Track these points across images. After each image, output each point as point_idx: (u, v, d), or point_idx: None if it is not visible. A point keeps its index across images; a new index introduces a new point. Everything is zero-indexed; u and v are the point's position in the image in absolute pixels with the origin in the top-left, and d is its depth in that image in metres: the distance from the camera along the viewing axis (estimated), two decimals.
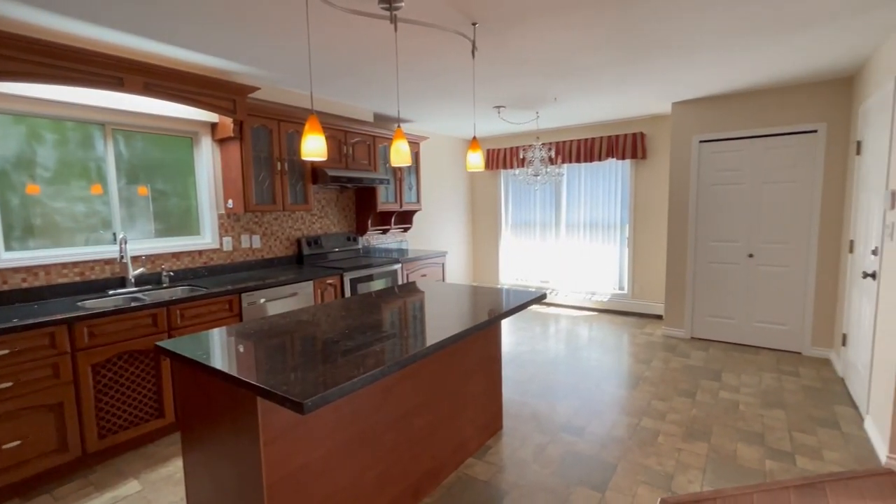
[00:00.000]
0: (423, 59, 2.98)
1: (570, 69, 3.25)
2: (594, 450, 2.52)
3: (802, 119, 3.85)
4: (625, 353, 4.11)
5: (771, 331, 4.14)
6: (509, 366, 3.86)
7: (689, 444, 2.57)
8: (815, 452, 2.47)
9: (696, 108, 4.31)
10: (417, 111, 4.57)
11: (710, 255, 4.36)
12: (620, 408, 3.03)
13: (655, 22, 2.44)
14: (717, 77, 3.54)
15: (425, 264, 4.61)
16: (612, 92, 3.95)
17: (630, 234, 5.42)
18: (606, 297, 5.67)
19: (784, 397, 3.15)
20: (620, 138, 5.23)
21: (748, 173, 4.12)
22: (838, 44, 2.84)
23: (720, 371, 3.64)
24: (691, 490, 2.16)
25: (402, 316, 2.16)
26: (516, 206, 6.36)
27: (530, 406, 3.08)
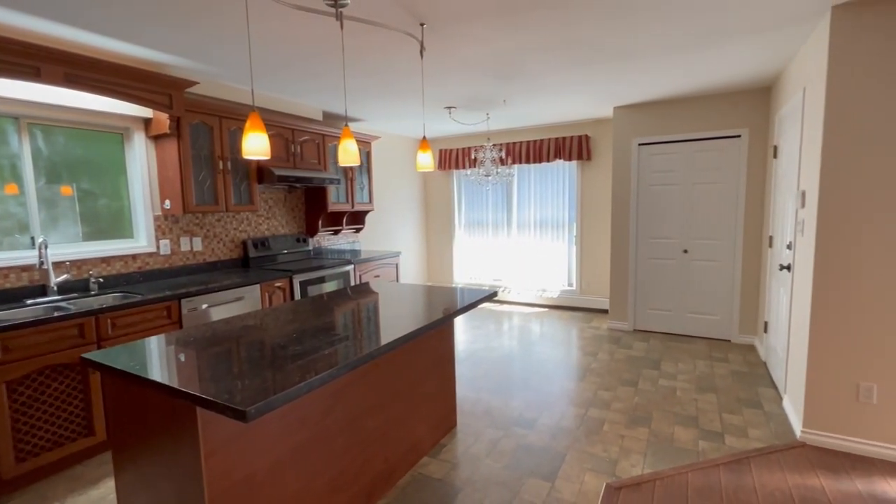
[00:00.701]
0: (372, 58, 2.95)
1: (517, 72, 3.33)
2: (544, 441, 2.61)
3: (728, 125, 4.17)
4: (573, 347, 4.28)
5: (704, 321, 4.46)
6: (464, 363, 3.91)
7: (631, 430, 2.72)
8: (742, 431, 2.69)
9: (636, 112, 4.55)
10: (368, 110, 4.52)
11: (650, 252, 4.62)
12: (569, 399, 3.15)
13: (595, 30, 2.55)
14: (653, 84, 3.76)
15: (379, 265, 4.57)
16: (558, 95, 4.09)
17: (577, 232, 5.64)
18: (556, 294, 5.87)
19: (715, 382, 3.40)
20: (567, 140, 5.43)
21: (681, 175, 4.41)
22: (757, 56, 3.10)
23: (660, 360, 3.87)
24: (633, 474, 2.29)
25: (352, 318, 2.13)
26: (469, 206, 6.45)
27: (484, 402, 3.14)
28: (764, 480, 2.21)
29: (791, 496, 2.09)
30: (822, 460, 2.37)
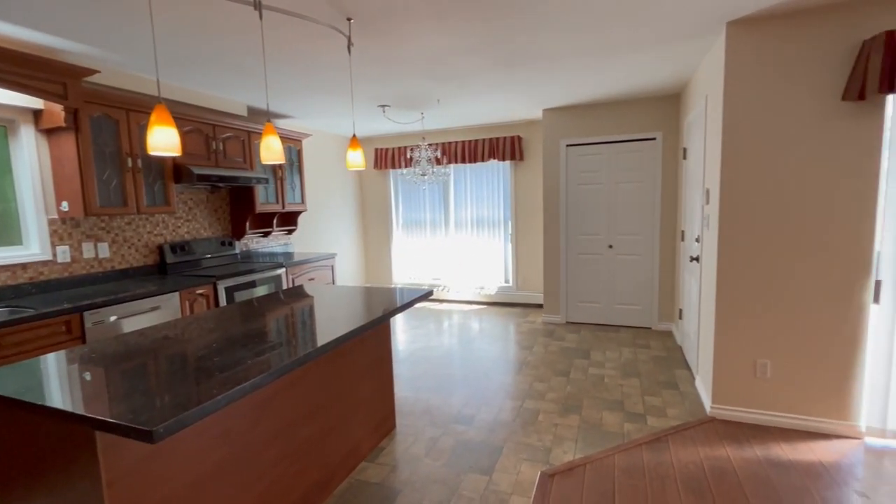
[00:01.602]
0: (299, 52, 2.84)
1: (449, 72, 3.36)
2: (483, 436, 2.65)
3: (645, 128, 4.49)
4: (510, 342, 4.40)
5: (628, 311, 4.77)
6: (404, 364, 3.88)
7: (564, 418, 2.84)
8: (661, 411, 2.90)
9: (563, 114, 4.77)
10: (298, 107, 4.34)
11: (579, 248, 4.87)
12: (507, 393, 3.23)
13: (519, 35, 2.63)
14: (578, 88, 3.96)
15: (313, 267, 4.41)
16: (490, 96, 4.18)
17: (512, 230, 5.81)
18: (494, 291, 6.00)
19: (638, 367, 3.65)
20: (500, 140, 5.57)
21: (605, 174, 4.69)
22: (667, 66, 3.36)
23: (589, 350, 4.09)
24: (566, 460, 2.39)
25: (282, 323, 2.03)
26: (406, 206, 6.41)
27: (423, 401, 3.13)
28: (680, 455, 2.40)
29: (703, 467, 2.29)
30: (728, 432, 2.62)
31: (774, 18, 2.47)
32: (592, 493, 2.11)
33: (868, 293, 2.44)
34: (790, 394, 2.64)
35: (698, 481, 2.18)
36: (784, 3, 2.31)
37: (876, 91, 2.21)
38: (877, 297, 2.43)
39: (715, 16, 2.46)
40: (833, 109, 2.42)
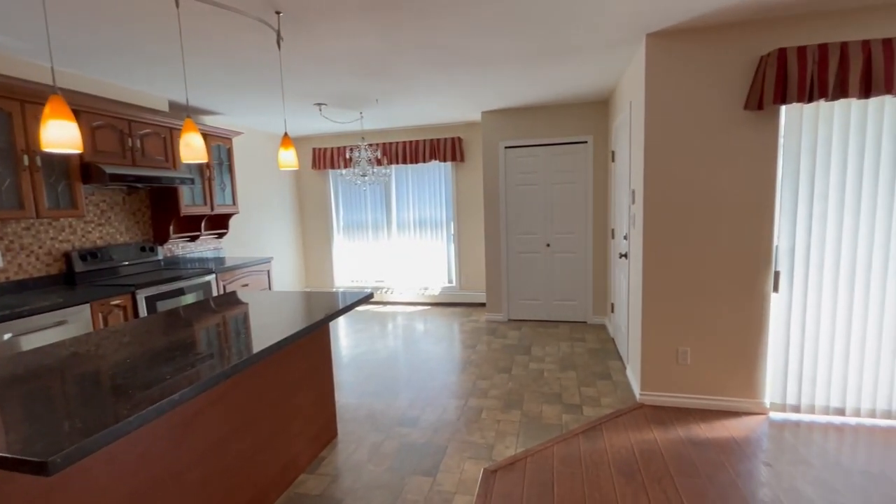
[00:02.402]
0: (226, 45, 2.67)
1: (386, 72, 3.32)
2: (427, 437, 2.64)
3: (577, 131, 4.71)
4: (455, 341, 4.43)
5: (566, 306, 4.98)
6: (346, 369, 3.78)
7: (506, 414, 2.90)
8: (596, 401, 3.05)
9: (501, 117, 4.89)
10: (226, 103, 4.10)
11: (519, 247, 5.01)
12: (451, 392, 3.25)
13: (454, 36, 2.66)
14: (514, 92, 4.07)
15: (247, 273, 4.18)
16: (429, 97, 4.19)
17: (455, 230, 5.86)
18: (438, 291, 6.03)
19: (575, 360, 3.82)
20: (441, 142, 5.60)
21: (542, 175, 4.86)
22: (595, 73, 3.54)
23: (530, 346, 4.22)
24: (508, 455, 2.45)
25: (209, 333, 1.90)
26: (347, 207, 6.27)
27: (367, 406, 3.07)
28: (613, 441, 2.54)
29: (633, 451, 2.44)
30: (655, 416, 2.81)
31: (687, 32, 2.68)
32: (533, 484, 2.17)
33: (769, 283, 2.72)
34: (707, 377, 2.87)
35: (629, 464, 2.31)
36: (693, 19, 2.52)
37: (771, 102, 2.47)
38: (776, 287, 2.71)
39: (635, 28, 2.63)
40: (737, 118, 2.67)
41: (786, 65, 2.43)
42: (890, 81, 2.30)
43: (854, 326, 2.62)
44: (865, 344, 2.62)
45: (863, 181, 2.53)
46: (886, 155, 2.49)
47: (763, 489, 2.09)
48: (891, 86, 2.31)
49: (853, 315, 2.62)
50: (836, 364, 2.67)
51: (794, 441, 2.48)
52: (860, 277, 2.59)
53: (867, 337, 2.61)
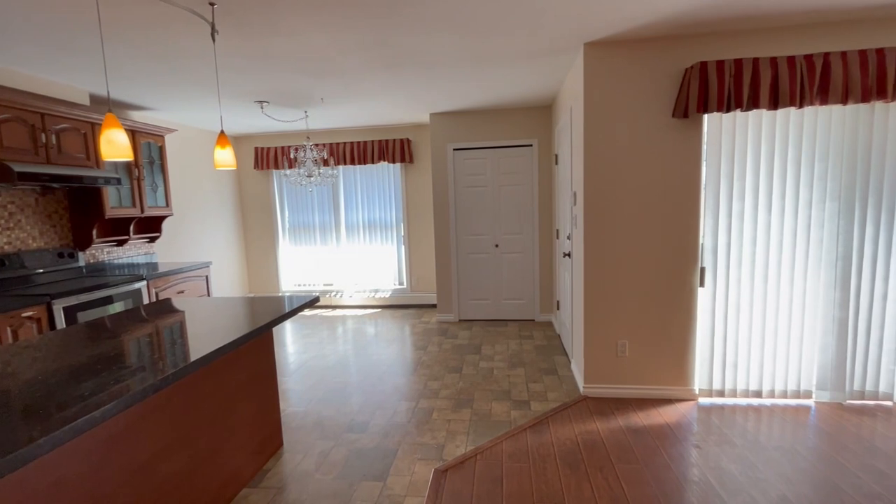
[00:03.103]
0: (155, 35, 2.50)
1: (331, 71, 3.25)
2: (377, 441, 2.61)
3: (523, 135, 4.85)
4: (406, 343, 4.41)
5: (514, 305, 5.10)
6: (293, 376, 3.65)
7: (457, 413, 2.93)
8: (543, 396, 3.15)
9: (449, 119, 4.93)
10: (158, 97, 3.84)
11: (469, 247, 5.08)
12: (401, 395, 3.23)
13: (400, 36, 2.65)
14: (461, 94, 4.12)
15: (183, 278, 3.93)
16: (377, 98, 4.15)
17: (405, 232, 5.84)
18: (388, 294, 5.97)
19: (523, 357, 3.92)
20: (390, 143, 5.56)
21: (490, 177, 4.96)
22: (539, 78, 3.67)
23: (480, 345, 4.28)
24: (458, 453, 2.47)
25: (136, 345, 1.77)
26: (293, 209, 6.06)
27: (315, 413, 2.98)
28: (559, 434, 2.63)
29: (577, 442, 2.54)
30: (597, 408, 2.95)
31: (621, 43, 2.84)
32: (483, 481, 2.21)
33: (696, 279, 2.94)
34: (643, 368, 3.05)
35: (574, 455, 2.41)
36: (625, 31, 2.67)
37: (695, 111, 2.67)
38: (702, 282, 2.93)
39: (574, 36, 2.75)
40: (667, 124, 2.87)
41: (707, 77, 2.64)
42: (794, 95, 2.56)
43: (768, 316, 2.89)
44: (777, 332, 2.89)
45: (773, 184, 2.80)
46: (792, 161, 2.77)
47: (693, 469, 2.25)
48: (794, 99, 2.57)
49: (767, 306, 2.88)
50: (753, 351, 2.92)
51: (720, 423, 2.69)
52: (773, 271, 2.85)
53: (779, 326, 2.89)
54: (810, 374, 2.90)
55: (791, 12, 2.47)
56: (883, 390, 2.86)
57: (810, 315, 2.86)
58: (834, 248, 2.78)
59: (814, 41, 2.67)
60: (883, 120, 2.67)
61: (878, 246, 2.76)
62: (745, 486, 2.10)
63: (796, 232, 2.81)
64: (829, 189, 2.76)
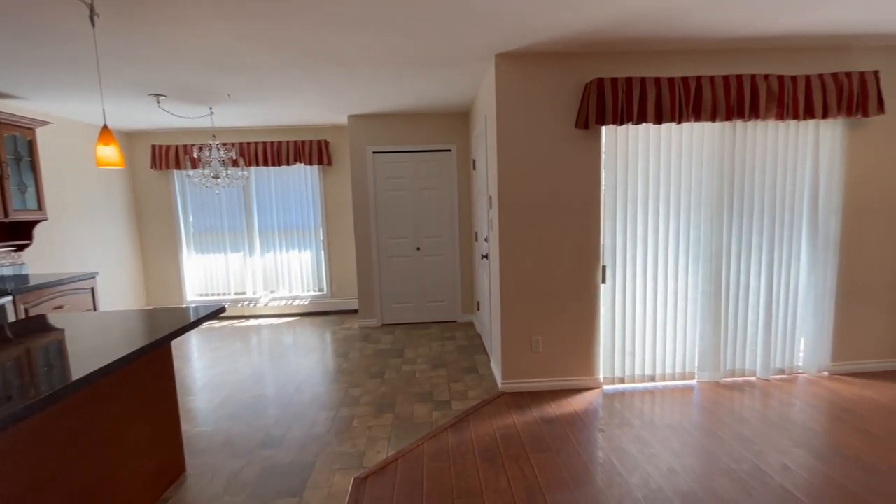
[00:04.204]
0: (24, 17, 2.18)
1: (237, 66, 3.06)
2: (293, 455, 2.50)
3: (442, 140, 4.94)
4: (326, 351, 4.27)
5: (437, 307, 5.17)
6: (199, 394, 3.37)
7: (378, 419, 2.89)
8: (464, 395, 3.23)
9: (368, 122, 4.88)
10: (29, 86, 3.33)
11: (390, 251, 5.05)
12: (320, 405, 3.12)
13: (305, 32, 2.58)
14: (379, 97, 4.10)
15: (62, 292, 3.45)
16: (290, 97, 3.98)
17: (324, 236, 5.66)
18: (307, 301, 5.74)
19: (445, 358, 3.98)
20: (307, 144, 5.36)
21: (410, 181, 4.98)
22: (455, 85, 3.76)
23: (403, 349, 4.27)
24: (379, 460, 2.44)
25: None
26: (198, 213, 5.59)
27: (224, 432, 2.77)
28: (478, 431, 2.71)
29: (495, 436, 2.63)
30: (514, 402, 3.08)
31: (530, 56, 3.02)
32: (404, 485, 2.20)
33: (599, 276, 3.20)
34: (555, 361, 3.25)
35: (492, 449, 2.49)
36: (533, 45, 2.84)
37: (594, 122, 2.92)
38: (604, 279, 3.20)
39: (486, 46, 2.86)
40: (571, 134, 3.09)
41: (603, 92, 2.90)
42: (674, 112, 2.90)
43: (658, 308, 3.23)
44: (666, 322, 3.24)
45: (660, 190, 3.14)
46: (674, 170, 3.13)
47: (598, 452, 2.44)
48: (674, 115, 2.91)
49: (658, 299, 3.22)
50: (647, 340, 3.25)
51: (621, 407, 2.95)
52: (661, 268, 3.20)
53: (667, 316, 3.24)
54: (693, 357, 3.29)
55: (671, 39, 2.80)
56: (749, 368, 3.33)
57: (691, 306, 3.25)
58: (708, 247, 3.19)
59: (690, 65, 3.05)
60: (742, 137, 3.12)
61: (741, 245, 3.21)
62: (641, 463, 2.33)
63: (679, 233, 3.18)
64: (703, 195, 3.16)
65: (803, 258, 3.26)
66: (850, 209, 3.25)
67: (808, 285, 3.27)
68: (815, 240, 3.22)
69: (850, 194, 3.24)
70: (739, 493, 2.06)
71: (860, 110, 3.01)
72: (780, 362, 3.34)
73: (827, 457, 2.33)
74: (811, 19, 2.57)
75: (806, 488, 2.08)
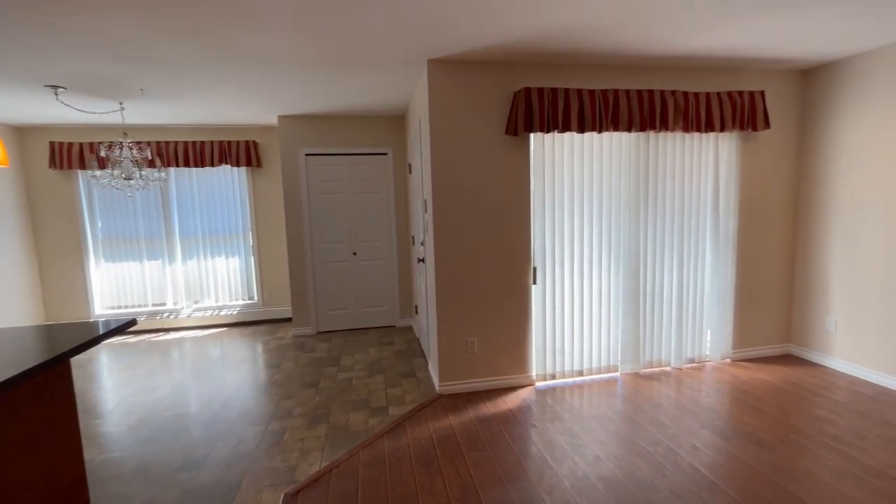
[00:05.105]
0: None
1: (146, 58, 2.84)
2: (217, 476, 2.34)
3: (378, 143, 4.90)
4: (257, 363, 4.05)
5: (375, 313, 5.10)
6: (108, 417, 3.06)
7: (311, 430, 2.79)
8: (401, 399, 3.21)
9: (300, 123, 4.72)
10: None
11: (325, 256, 4.91)
12: (249, 420, 2.96)
13: (222, 24, 2.46)
14: (312, 98, 3.98)
15: None
16: (215, 95, 3.75)
17: (254, 241, 5.38)
18: (236, 310, 5.42)
19: (383, 364, 3.94)
20: (233, 144, 5.08)
21: (346, 184, 4.89)
22: (390, 88, 3.75)
23: (339, 356, 4.17)
24: (312, 472, 2.36)
25: None
26: (108, 217, 5.09)
27: (137, 457, 2.54)
28: (415, 434, 2.71)
29: (432, 439, 2.64)
30: (451, 404, 3.11)
31: (461, 63, 3.08)
32: (337, 496, 2.14)
33: (530, 277, 3.33)
34: (491, 362, 3.33)
35: (428, 452, 2.50)
36: (463, 53, 2.91)
37: (523, 130, 3.04)
38: (535, 279, 3.33)
39: (417, 51, 2.88)
40: (502, 140, 3.19)
41: (531, 101, 3.03)
42: (595, 122, 3.10)
43: (585, 306, 3.42)
44: (592, 318, 3.44)
45: (584, 194, 3.33)
46: (596, 176, 3.33)
47: (531, 447, 2.53)
48: (595, 125, 3.10)
49: (584, 297, 3.41)
50: (575, 336, 3.43)
51: (553, 402, 3.08)
52: (586, 268, 3.39)
53: (593, 313, 3.44)
54: (616, 351, 3.52)
55: (592, 53, 2.99)
56: (664, 358, 3.61)
57: (614, 303, 3.47)
58: (627, 248, 3.43)
59: (609, 79, 3.27)
60: (655, 146, 3.40)
61: (655, 245, 3.49)
62: (569, 454, 2.45)
63: (602, 235, 3.40)
64: (622, 200, 3.40)
65: (708, 257, 3.60)
66: (744, 211, 3.64)
67: (713, 281, 3.62)
68: (717, 240, 3.57)
69: (744, 199, 3.64)
70: (654, 474, 2.23)
71: (751, 125, 3.40)
72: (690, 352, 3.67)
73: (727, 434, 2.59)
74: (716, 41, 2.86)
75: (710, 465, 2.30)
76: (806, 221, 3.68)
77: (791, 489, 2.09)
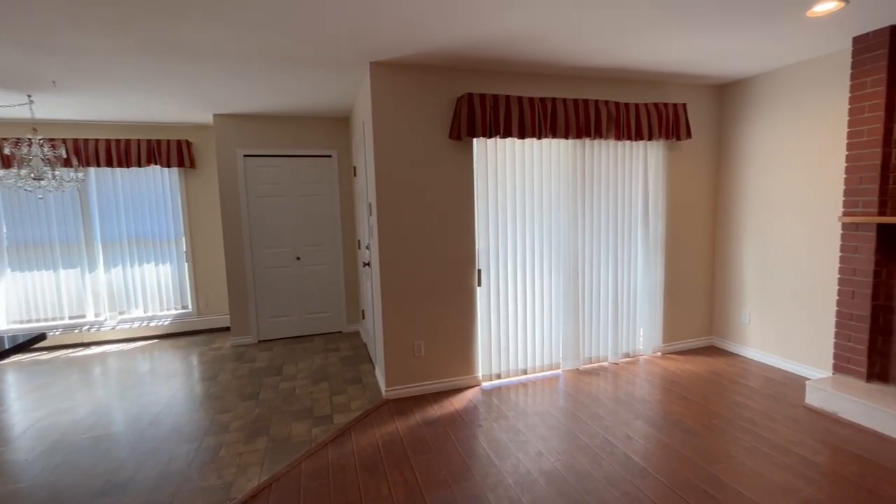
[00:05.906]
0: None
1: (57, 46, 2.59)
2: (143, 499, 2.17)
3: (322, 145, 4.78)
4: (190, 376, 3.81)
5: (320, 319, 4.96)
6: (15, 443, 2.75)
7: (250, 444, 2.67)
8: (347, 407, 3.14)
9: (238, 123, 4.51)
10: None
11: (266, 262, 4.72)
12: (180, 437, 2.77)
13: (141, 14, 2.31)
14: (250, 97, 3.81)
15: None
16: (140, 90, 3.50)
17: (187, 247, 5.06)
18: (168, 321, 5.07)
19: (328, 371, 3.84)
20: (164, 144, 4.76)
21: (288, 187, 4.73)
22: (332, 89, 3.67)
23: (282, 365, 4.01)
24: (250, 488, 2.25)
25: None
26: (14, 221, 4.59)
27: (48, 486, 2.30)
28: (360, 442, 2.66)
29: (377, 445, 2.61)
30: (398, 408, 3.09)
31: (404, 67, 3.08)
32: None
33: (475, 279, 3.38)
34: (438, 364, 3.35)
35: (373, 458, 2.46)
36: (404, 57, 2.92)
37: (466, 135, 3.09)
38: (480, 282, 3.39)
39: (358, 53, 2.85)
40: (446, 145, 3.23)
41: (473, 107, 3.09)
42: (534, 128, 3.21)
43: (528, 306, 3.52)
44: (535, 318, 3.55)
45: (525, 198, 3.44)
46: (537, 180, 3.46)
47: (477, 447, 2.56)
48: (535, 131, 3.22)
49: (527, 298, 3.51)
50: (519, 336, 3.52)
51: (498, 402, 3.14)
52: (529, 269, 3.50)
53: (536, 313, 3.55)
54: (558, 349, 3.66)
55: (530, 62, 3.10)
56: (602, 354, 3.80)
57: (555, 303, 3.61)
58: (566, 250, 3.58)
59: (548, 88, 3.40)
60: (590, 152, 3.58)
61: (592, 247, 3.67)
62: (513, 451, 2.50)
63: (542, 237, 3.52)
64: (561, 203, 3.54)
65: (639, 257, 3.84)
66: (671, 214, 3.92)
67: (644, 280, 3.86)
68: (647, 241, 3.81)
69: (671, 202, 3.91)
70: (592, 465, 2.34)
71: (675, 134, 3.67)
72: (625, 347, 3.88)
73: (658, 423, 2.76)
74: (645, 56, 3.05)
75: (642, 452, 2.44)
76: (724, 223, 4.02)
77: (711, 470, 2.27)
